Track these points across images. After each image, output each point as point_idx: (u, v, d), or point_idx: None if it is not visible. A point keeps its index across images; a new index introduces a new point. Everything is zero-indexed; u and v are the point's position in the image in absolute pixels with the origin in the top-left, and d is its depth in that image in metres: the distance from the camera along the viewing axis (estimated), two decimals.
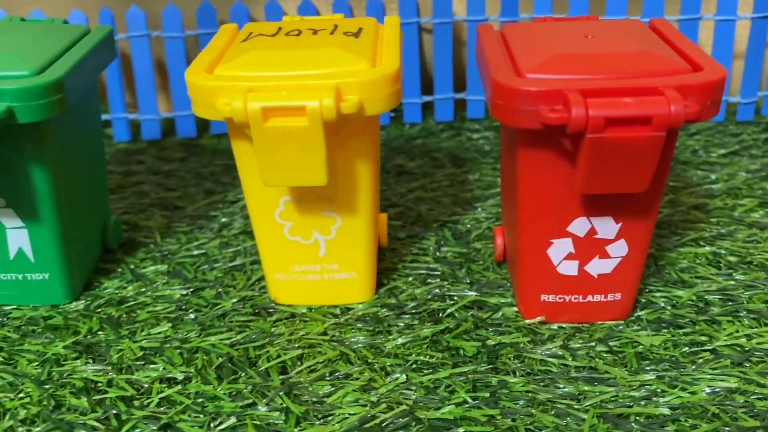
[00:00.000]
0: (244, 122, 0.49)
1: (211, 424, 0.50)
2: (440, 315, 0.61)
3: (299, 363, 0.56)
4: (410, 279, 0.66)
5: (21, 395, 0.53)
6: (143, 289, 0.65)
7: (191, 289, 0.65)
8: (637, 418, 0.50)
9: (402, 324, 0.60)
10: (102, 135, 0.69)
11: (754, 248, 0.69)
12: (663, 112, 0.45)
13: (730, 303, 0.61)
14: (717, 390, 0.52)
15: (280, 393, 0.53)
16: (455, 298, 0.63)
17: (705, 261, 0.67)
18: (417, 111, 0.99)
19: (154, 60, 0.97)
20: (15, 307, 0.63)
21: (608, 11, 0.91)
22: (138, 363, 0.56)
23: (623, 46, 0.51)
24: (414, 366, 0.55)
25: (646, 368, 0.54)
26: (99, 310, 0.63)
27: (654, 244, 0.70)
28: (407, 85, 0.98)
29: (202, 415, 0.51)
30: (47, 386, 0.53)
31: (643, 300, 0.62)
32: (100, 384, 0.54)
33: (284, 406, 0.52)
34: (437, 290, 0.64)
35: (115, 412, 0.51)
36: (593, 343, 0.57)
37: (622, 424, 0.49)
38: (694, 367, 0.54)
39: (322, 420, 0.50)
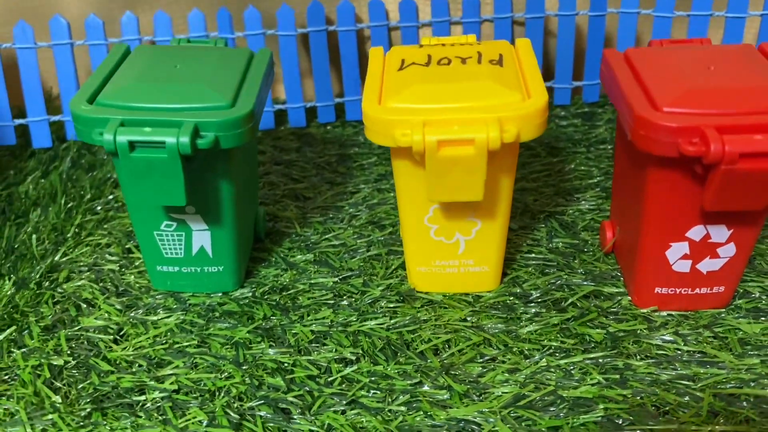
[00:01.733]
0: (420, 152, 0.58)
1: (388, 399, 0.61)
2: (563, 304, 0.70)
3: (449, 346, 0.66)
4: (529, 269, 0.75)
5: (226, 375, 0.63)
6: (298, 277, 0.75)
7: (340, 277, 0.75)
8: (747, 397, 0.59)
9: (531, 312, 0.69)
10: (256, 139, 0.78)
11: None
12: None
13: None
14: None
15: (442, 373, 0.63)
16: (574, 288, 0.72)
17: None
18: None
19: None
20: (191, 294, 0.73)
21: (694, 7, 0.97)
22: (313, 345, 0.67)
23: (745, 79, 0.59)
24: (549, 351, 0.65)
25: (750, 353, 0.64)
26: (266, 296, 0.73)
27: None
28: None
29: (379, 392, 0.61)
30: (245, 367, 0.64)
31: (740, 290, 0.70)
32: (286, 364, 0.64)
33: (447, 384, 0.62)
34: (556, 280, 0.73)
35: (307, 389, 0.62)
36: (700, 330, 0.66)
37: (735, 403, 0.59)
38: None
39: (481, 397, 0.61)
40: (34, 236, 0.81)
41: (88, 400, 0.60)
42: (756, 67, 0.61)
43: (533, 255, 0.77)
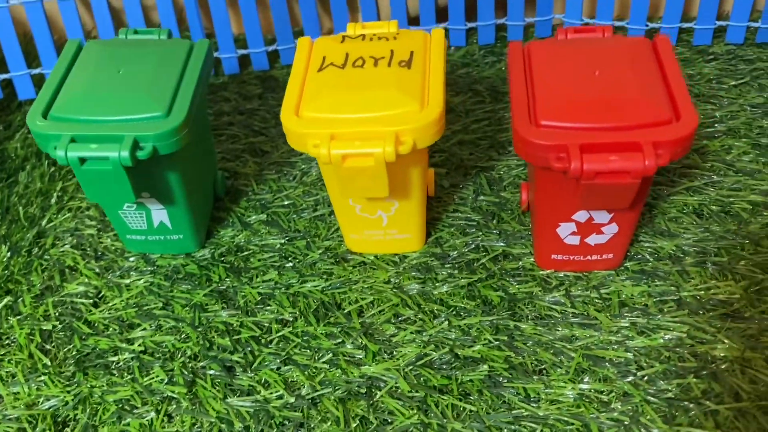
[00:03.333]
0: (328, 163, 0.66)
1: (315, 357, 0.74)
2: (474, 265, 0.81)
3: (372, 306, 0.78)
4: (452, 229, 0.85)
5: (183, 336, 0.77)
6: (251, 239, 0.86)
7: (287, 238, 0.86)
8: (611, 359, 0.71)
9: (446, 273, 0.80)
10: (207, 113, 0.86)
11: (735, 196, 0.84)
12: (639, 167, 0.60)
13: (701, 255, 0.79)
14: (671, 337, 0.72)
15: (361, 334, 0.75)
16: (487, 249, 0.82)
17: (691, 210, 0.84)
18: (461, 36, 1.11)
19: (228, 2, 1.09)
20: (159, 255, 0.85)
21: None
22: (258, 306, 0.79)
23: (621, 89, 0.65)
24: (453, 312, 0.76)
25: (625, 314, 0.74)
26: (222, 258, 0.84)
27: (652, 193, 0.86)
28: (453, 13, 1.08)
29: (308, 351, 0.74)
30: (200, 329, 0.77)
31: (633, 252, 0.80)
32: (235, 325, 0.77)
33: (364, 344, 0.74)
34: (472, 242, 0.83)
35: (249, 349, 0.75)
36: (589, 291, 0.77)
37: (599, 363, 0.71)
38: (659, 315, 0.74)
39: (390, 355, 0.73)
40: (23, 200, 0.92)
41: (72, 361, 0.75)
42: (639, 71, 0.67)
43: (458, 214, 0.87)
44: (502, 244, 0.83)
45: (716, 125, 0.94)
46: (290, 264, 0.83)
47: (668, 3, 1.03)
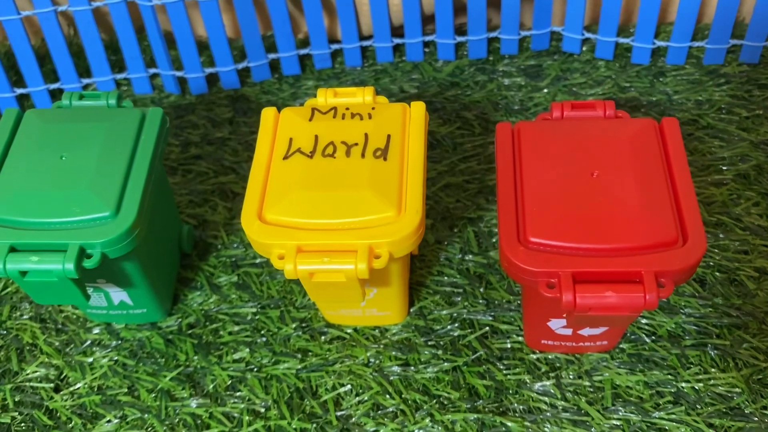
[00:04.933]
0: (294, 278, 0.59)
1: None
2: (459, 344, 0.75)
3: (351, 394, 0.73)
4: (437, 297, 0.79)
5: (150, 431, 0.72)
6: (221, 305, 0.81)
7: (259, 306, 0.80)
8: None
9: (429, 353, 0.75)
10: (167, 180, 0.78)
11: (741, 260, 0.78)
12: (639, 304, 0.54)
13: (702, 336, 0.74)
14: None
15: (338, 430, 0.71)
16: (473, 324, 0.76)
17: (694, 277, 0.78)
18: (451, 49, 1.01)
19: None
20: (124, 326, 0.80)
21: None
22: (228, 393, 0.74)
23: (621, 202, 0.57)
24: (438, 404, 0.72)
25: (618, 408, 0.70)
26: (190, 330, 0.79)
27: None
28: (441, 27, 0.99)
29: None
30: (167, 422, 0.73)
31: (628, 330, 0.74)
32: (204, 417, 0.73)
33: None
34: (458, 315, 0.77)
35: None
36: (581, 377, 0.72)
37: None
38: (654, 413, 0.69)
39: None
40: None
41: None
42: (642, 173, 0.59)
43: (444, 278, 0.81)
44: (489, 318, 0.77)
45: (724, 169, 0.86)
46: (263, 339, 0.78)
47: (678, 18, 0.93)
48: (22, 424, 0.73)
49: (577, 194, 0.59)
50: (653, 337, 0.74)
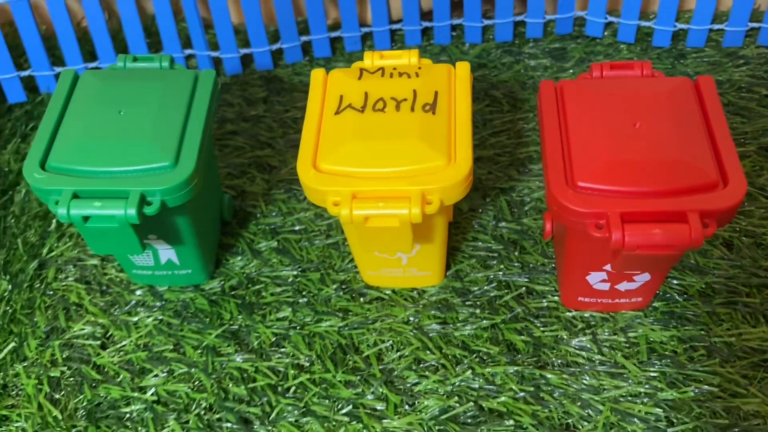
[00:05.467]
0: (350, 223, 0.62)
1: (334, 408, 0.72)
2: (497, 303, 0.78)
3: (392, 349, 0.75)
4: (472, 261, 0.81)
5: (197, 384, 0.74)
6: (262, 269, 0.83)
7: (300, 269, 0.82)
8: (640, 413, 0.69)
9: (467, 312, 0.77)
10: (213, 144, 0.81)
11: (767, 226, 0.81)
12: (685, 242, 0.56)
13: (731, 294, 0.76)
14: (702, 390, 0.69)
15: (381, 383, 0.73)
16: (509, 285, 0.79)
17: (721, 242, 0.80)
18: (478, 32, 1.04)
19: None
20: (167, 288, 0.82)
21: None
22: (273, 349, 0.76)
23: (663, 149, 0.60)
24: (477, 358, 0.74)
25: (654, 361, 0.72)
26: (233, 292, 0.81)
27: None
28: (468, 8, 1.02)
29: (327, 401, 0.72)
30: (213, 376, 0.74)
31: (661, 290, 0.77)
32: (250, 372, 0.75)
33: (384, 394, 0.72)
34: (494, 276, 0.80)
35: (266, 399, 0.72)
36: (617, 334, 0.74)
37: (627, 418, 0.69)
38: (689, 365, 0.71)
39: (412, 407, 0.71)
40: (21, 224, 0.88)
41: (84, 413, 0.72)
42: (682, 123, 0.62)
43: (479, 244, 0.83)
44: (525, 279, 0.79)
45: (746, 143, 0.89)
46: (304, 299, 0.80)
47: (699, 2, 0.97)
48: (71, 379, 0.75)
49: (621, 142, 0.61)
50: (685, 296, 0.76)
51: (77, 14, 1.12)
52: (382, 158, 0.63)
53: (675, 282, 0.78)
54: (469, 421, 0.70)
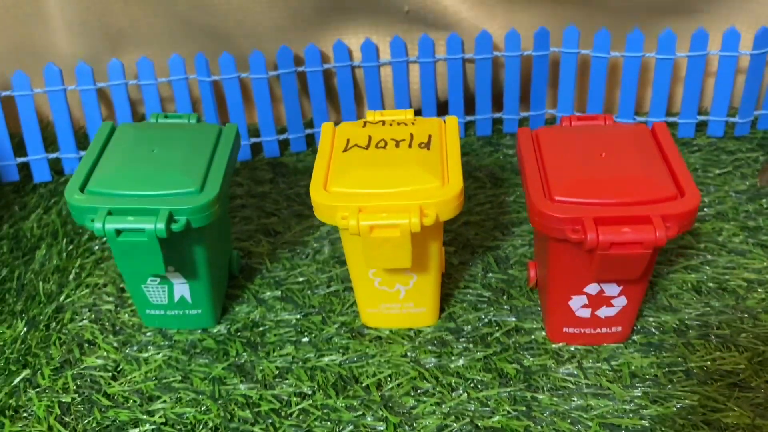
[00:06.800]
0: (356, 233, 0.70)
1: (337, 429, 0.74)
2: (489, 339, 0.83)
3: (390, 380, 0.79)
4: (464, 305, 0.88)
5: (204, 408, 0.77)
6: (266, 314, 0.88)
7: (302, 314, 0.88)
8: (627, 427, 0.73)
9: (461, 347, 0.82)
10: (228, 192, 0.90)
11: (730, 274, 0.89)
12: (651, 238, 0.64)
13: (703, 328, 0.82)
14: (684, 405, 0.74)
15: (381, 406, 0.76)
16: (499, 323, 0.85)
17: (690, 287, 0.88)
18: (461, 128, 1.18)
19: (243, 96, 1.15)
20: (176, 331, 0.86)
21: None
22: (276, 380, 0.80)
23: (628, 171, 0.70)
24: (472, 384, 0.78)
25: (636, 384, 0.77)
26: (239, 333, 0.86)
27: (652, 272, 0.90)
28: (453, 107, 1.16)
29: (329, 423, 0.75)
30: (220, 401, 0.77)
31: (639, 326, 0.83)
32: (254, 398, 0.78)
33: (384, 416, 0.75)
34: (485, 316, 0.86)
35: (270, 421, 0.75)
36: (600, 363, 0.79)
37: (616, 431, 0.72)
38: (669, 385, 0.76)
39: (411, 427, 0.74)
40: (40, 277, 0.94)
41: None
42: (642, 153, 0.73)
43: (469, 290, 0.90)
44: (513, 319, 0.85)
45: (706, 209, 1.00)
46: (306, 339, 0.85)
47: (653, 99, 1.12)
48: (81, 405, 0.77)
49: (591, 166, 0.71)
50: (661, 329, 0.83)
51: (103, 112, 1.25)
52: (385, 181, 0.72)
53: (651, 319, 0.84)
54: None
